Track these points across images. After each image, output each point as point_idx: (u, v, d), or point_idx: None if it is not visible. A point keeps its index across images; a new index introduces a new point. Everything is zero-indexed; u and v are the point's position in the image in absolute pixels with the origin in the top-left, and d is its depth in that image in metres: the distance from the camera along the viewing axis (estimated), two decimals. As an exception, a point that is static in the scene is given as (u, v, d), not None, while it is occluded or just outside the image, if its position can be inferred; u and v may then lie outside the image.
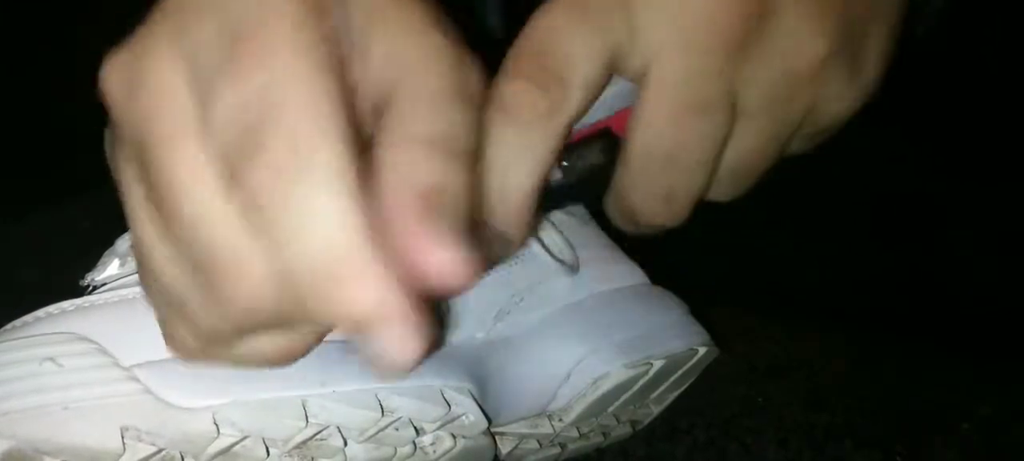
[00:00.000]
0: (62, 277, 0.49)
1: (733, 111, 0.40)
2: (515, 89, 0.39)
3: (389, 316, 0.31)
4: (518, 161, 0.40)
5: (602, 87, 0.40)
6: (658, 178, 0.41)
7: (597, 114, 0.42)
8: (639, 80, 0.40)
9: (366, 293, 0.30)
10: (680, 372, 0.61)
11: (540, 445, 0.59)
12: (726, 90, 0.39)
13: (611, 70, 0.40)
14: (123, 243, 0.49)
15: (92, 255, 0.50)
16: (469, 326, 0.52)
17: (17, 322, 0.45)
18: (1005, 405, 0.73)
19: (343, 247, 0.30)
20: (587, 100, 0.40)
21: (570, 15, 0.39)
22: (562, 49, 0.39)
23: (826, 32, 0.39)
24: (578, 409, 0.57)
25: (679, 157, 0.40)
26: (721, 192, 0.44)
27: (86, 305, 0.45)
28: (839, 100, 0.41)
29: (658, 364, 0.58)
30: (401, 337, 0.31)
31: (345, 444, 0.46)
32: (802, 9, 0.38)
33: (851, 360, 0.78)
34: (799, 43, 0.39)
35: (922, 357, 0.78)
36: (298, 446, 0.45)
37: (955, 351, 0.77)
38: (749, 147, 0.42)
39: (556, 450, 0.60)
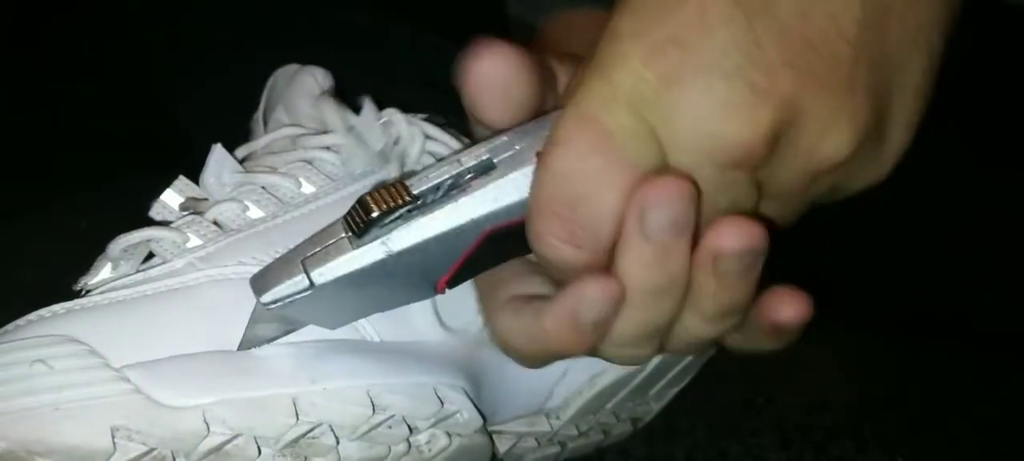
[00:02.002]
0: (59, 278, 0.49)
1: (758, 193, 0.40)
2: (549, 250, 0.39)
3: None
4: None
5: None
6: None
7: None
8: None
9: None
10: (678, 368, 0.61)
11: (538, 443, 0.59)
12: (748, 191, 0.39)
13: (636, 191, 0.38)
14: (115, 247, 0.49)
15: (89, 256, 0.50)
16: (463, 324, 0.52)
17: (9, 326, 0.45)
18: (1005, 404, 0.73)
19: None
20: (618, 230, 0.39)
21: (589, 149, 0.37)
22: (593, 200, 0.38)
23: (849, 132, 0.38)
24: (575, 406, 0.57)
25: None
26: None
27: (77, 308, 0.45)
28: (865, 176, 0.41)
29: (655, 360, 0.58)
30: None
31: (337, 442, 0.46)
32: (825, 113, 0.37)
33: (851, 360, 0.78)
34: (823, 144, 0.38)
35: (923, 357, 0.78)
36: (290, 444, 0.45)
37: (955, 351, 0.77)
38: (773, 215, 0.41)
39: (555, 448, 0.60)
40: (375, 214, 0.39)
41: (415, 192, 0.39)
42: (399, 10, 0.73)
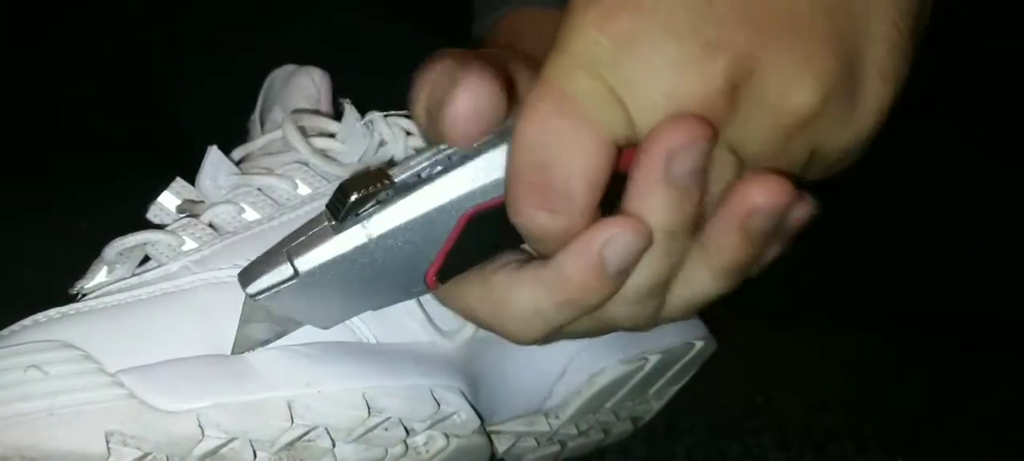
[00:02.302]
0: (58, 279, 0.49)
1: (736, 159, 0.39)
2: (527, 220, 0.39)
3: None
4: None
5: (609, 174, 0.39)
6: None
7: None
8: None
9: None
10: (678, 366, 0.61)
11: (538, 443, 0.59)
12: (726, 155, 0.39)
13: (609, 154, 0.38)
14: (111, 251, 0.49)
15: (88, 256, 0.50)
16: (461, 324, 0.52)
17: (3, 332, 0.45)
18: (1005, 404, 0.73)
19: None
20: (598, 193, 0.39)
21: (562, 117, 0.38)
22: (562, 162, 0.38)
23: (813, 81, 0.37)
24: (574, 406, 0.57)
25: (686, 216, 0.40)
26: None
27: (72, 313, 0.45)
28: (842, 135, 0.39)
29: (654, 359, 0.58)
30: None
31: (334, 445, 0.46)
32: (786, 64, 0.37)
33: (851, 360, 0.78)
34: (785, 98, 0.37)
35: (922, 357, 0.78)
36: (286, 447, 0.45)
37: (955, 350, 0.77)
38: None
39: (555, 448, 0.60)
40: (354, 198, 0.39)
41: (395, 178, 0.40)
42: (399, 10, 0.73)
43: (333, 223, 0.40)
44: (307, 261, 0.40)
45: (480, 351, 0.53)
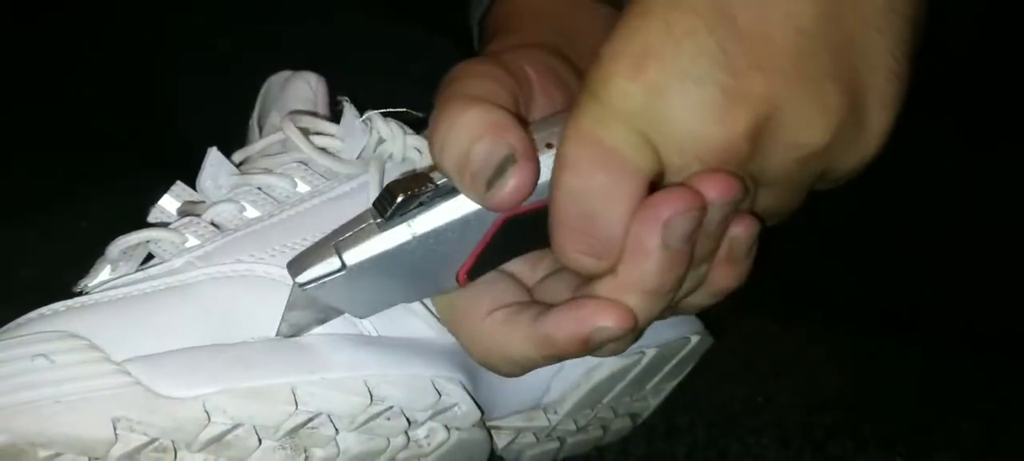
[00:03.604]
0: (60, 277, 0.50)
1: (754, 182, 0.42)
2: (573, 261, 0.42)
3: None
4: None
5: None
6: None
7: None
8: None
9: None
10: (674, 361, 0.61)
11: (537, 439, 0.59)
12: (747, 181, 0.41)
13: (645, 192, 0.41)
14: (114, 249, 0.50)
15: (90, 255, 0.51)
16: (439, 323, 0.52)
17: (10, 324, 0.45)
18: (1005, 404, 0.73)
19: None
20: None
21: (604, 169, 0.40)
22: (606, 213, 0.40)
23: (822, 120, 0.40)
24: (572, 400, 0.57)
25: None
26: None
27: (77, 305, 0.45)
28: (850, 158, 0.42)
29: (651, 353, 0.58)
30: None
31: (337, 433, 0.47)
32: (798, 105, 0.39)
33: (851, 360, 0.78)
34: (803, 135, 0.40)
35: (922, 357, 0.78)
36: (289, 434, 0.45)
37: (955, 350, 0.77)
38: (767, 205, 0.44)
39: (554, 444, 0.60)
40: (400, 199, 0.42)
41: (438, 181, 0.42)
42: (399, 10, 0.73)
43: (379, 221, 0.43)
44: (354, 255, 0.43)
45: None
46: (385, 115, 0.55)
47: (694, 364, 0.64)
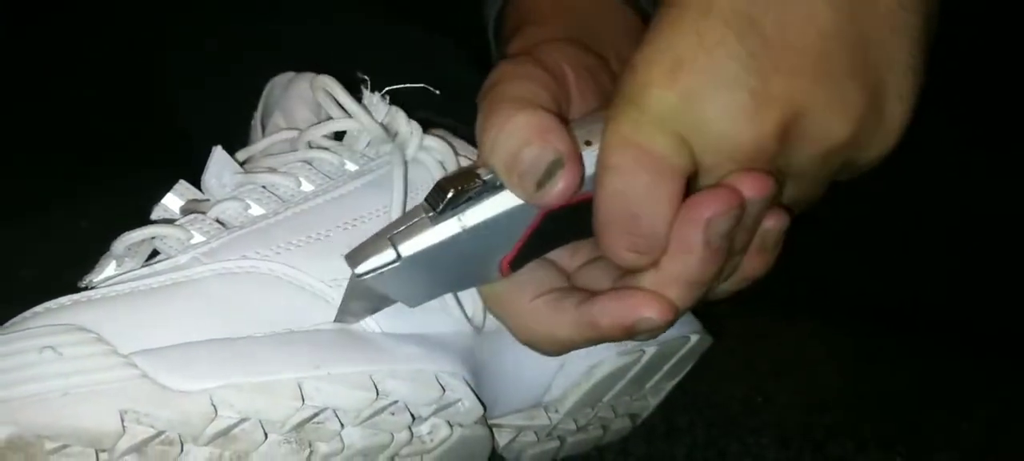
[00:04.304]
0: (61, 276, 0.50)
1: (782, 175, 0.44)
2: (619, 258, 0.44)
3: None
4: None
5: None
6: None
7: None
8: (702, 183, 0.44)
9: None
10: (674, 360, 0.62)
11: (537, 438, 0.59)
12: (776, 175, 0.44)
13: (684, 190, 0.43)
14: (120, 245, 0.50)
15: (90, 255, 0.51)
16: (463, 317, 0.53)
17: (15, 319, 0.45)
18: (1005, 404, 0.73)
19: None
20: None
21: (645, 171, 0.42)
22: (649, 212, 0.43)
23: (844, 116, 0.42)
24: (573, 398, 0.58)
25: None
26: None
27: (84, 300, 0.45)
28: (871, 150, 0.45)
29: (650, 351, 0.59)
30: None
31: (342, 427, 0.47)
32: (822, 103, 0.42)
33: (852, 360, 0.78)
34: (828, 131, 0.42)
35: (922, 357, 0.78)
36: (295, 428, 0.45)
37: (955, 350, 0.77)
38: (793, 195, 0.46)
39: (554, 444, 0.60)
40: (451, 194, 0.44)
41: (485, 177, 0.45)
42: (399, 10, 0.74)
43: (431, 215, 0.45)
44: (409, 247, 0.45)
45: (482, 344, 0.54)
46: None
47: (693, 363, 0.64)
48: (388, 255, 0.45)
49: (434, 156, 0.55)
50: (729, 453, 0.67)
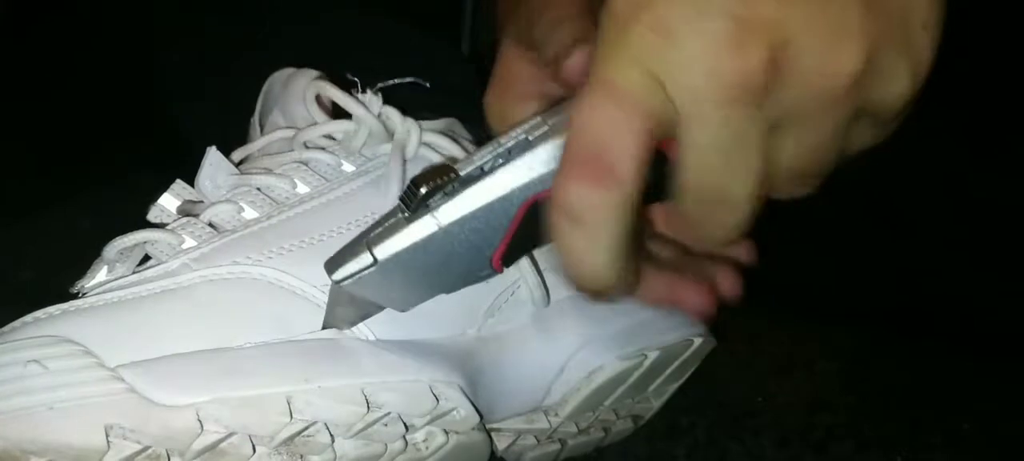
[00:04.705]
0: (61, 277, 0.49)
1: (771, 135, 0.41)
2: (576, 192, 0.41)
3: None
4: (601, 255, 0.43)
5: (651, 157, 0.42)
6: (707, 215, 0.44)
7: None
8: (681, 136, 0.42)
9: None
10: (677, 363, 0.61)
11: (538, 441, 0.59)
12: (761, 127, 0.41)
13: (655, 139, 0.41)
14: (111, 250, 0.49)
15: (89, 257, 0.50)
16: (460, 322, 0.53)
17: (4, 328, 0.45)
18: (1005, 404, 0.72)
19: None
20: (641, 175, 0.41)
21: (612, 104, 0.41)
22: (611, 141, 0.41)
23: (853, 45, 0.39)
24: (574, 403, 0.57)
25: (724, 196, 0.42)
26: (788, 192, 0.46)
27: (72, 309, 0.45)
28: (893, 88, 0.42)
29: (653, 355, 0.58)
30: None
31: (333, 440, 0.47)
32: (817, 30, 0.39)
33: (852, 360, 0.78)
34: (824, 63, 0.39)
35: (922, 357, 0.78)
36: (285, 442, 0.45)
37: (955, 350, 0.77)
38: (800, 154, 0.43)
39: (555, 446, 0.60)
40: (423, 190, 0.43)
41: (461, 171, 0.44)
42: (399, 10, 0.73)
43: (406, 214, 0.45)
44: (384, 249, 0.45)
45: (479, 349, 0.53)
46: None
47: (697, 365, 0.64)
48: (364, 259, 0.45)
49: (442, 153, 0.55)
50: (729, 453, 0.67)
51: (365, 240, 0.45)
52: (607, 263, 0.43)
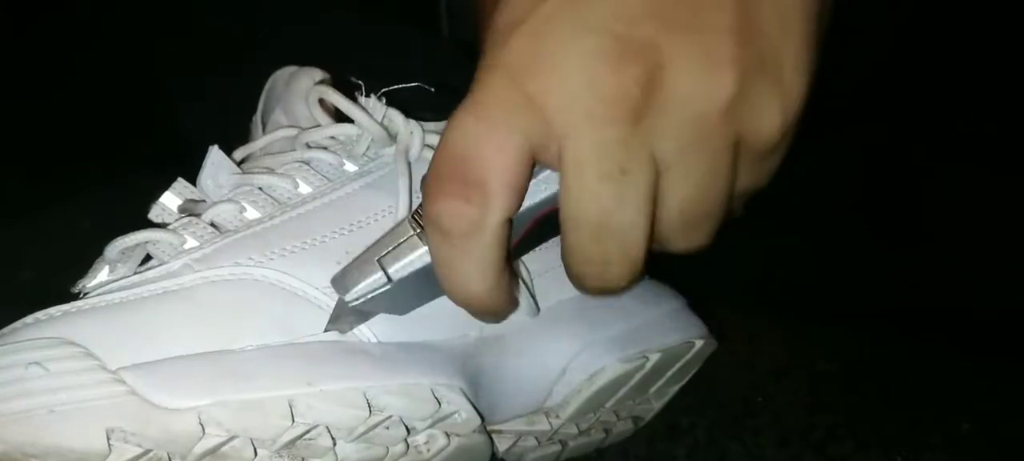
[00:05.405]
0: (61, 277, 0.49)
1: (654, 168, 0.41)
2: (441, 207, 0.41)
3: None
4: (469, 271, 0.43)
5: (526, 179, 0.42)
6: (592, 247, 0.42)
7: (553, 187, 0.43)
8: (559, 162, 0.41)
9: None
10: (678, 365, 0.61)
11: (538, 442, 0.58)
12: (638, 153, 0.40)
13: (531, 161, 0.41)
14: (112, 250, 0.49)
15: (90, 257, 0.50)
16: (462, 325, 0.52)
17: (5, 329, 0.45)
18: (1005, 404, 0.72)
19: None
20: (514, 196, 0.41)
21: (479, 121, 0.40)
22: (477, 158, 0.40)
23: (725, 74, 0.39)
24: (575, 405, 0.57)
25: (607, 225, 0.41)
26: (682, 242, 0.45)
27: (73, 310, 0.45)
28: (766, 121, 0.41)
29: (654, 358, 0.58)
30: None
31: (335, 443, 0.47)
32: (693, 56, 0.39)
33: (852, 360, 0.78)
34: (698, 88, 0.39)
35: (922, 357, 0.78)
36: (287, 446, 0.45)
37: (955, 351, 0.77)
38: (685, 194, 0.42)
39: (556, 447, 0.60)
40: None
41: None
42: (399, 10, 0.73)
43: (418, 232, 0.45)
44: (400, 270, 0.45)
45: (480, 351, 0.53)
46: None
47: (698, 367, 0.64)
48: (379, 279, 0.45)
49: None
50: (730, 453, 0.67)
51: (377, 259, 0.45)
52: (478, 280, 0.43)
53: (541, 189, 0.43)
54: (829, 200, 0.67)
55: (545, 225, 0.44)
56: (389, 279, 0.45)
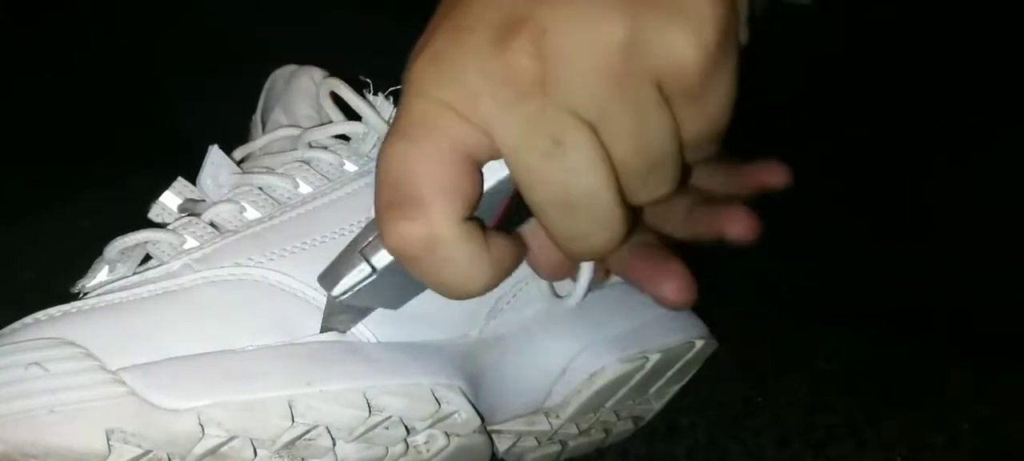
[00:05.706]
0: (61, 277, 0.49)
1: (587, 130, 0.40)
2: (392, 232, 0.41)
3: None
4: (449, 276, 0.42)
5: (467, 180, 0.41)
6: (565, 223, 0.42)
7: None
8: (501, 150, 0.41)
9: None
10: (678, 366, 0.61)
11: (538, 442, 0.58)
12: (563, 120, 0.40)
13: (468, 162, 0.41)
14: (112, 250, 0.49)
15: (90, 256, 0.50)
16: (461, 325, 0.52)
17: (4, 329, 0.45)
18: (1004, 404, 0.73)
19: None
20: (456, 198, 0.41)
21: (402, 140, 0.41)
22: (408, 174, 0.41)
23: (611, 18, 0.39)
24: (574, 405, 0.57)
25: (568, 199, 0.41)
26: (644, 193, 0.44)
27: (73, 311, 0.45)
28: (676, 53, 0.40)
29: (654, 358, 0.58)
30: None
31: (334, 444, 0.47)
32: (573, 11, 0.39)
33: (852, 360, 0.78)
34: (586, 38, 0.39)
35: (923, 357, 0.78)
36: (286, 446, 0.45)
37: (955, 350, 0.77)
38: (626, 145, 0.41)
39: (556, 447, 0.60)
40: None
41: None
42: (399, 10, 0.73)
43: None
44: (382, 257, 0.44)
45: (480, 351, 0.53)
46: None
47: (698, 367, 0.64)
48: (363, 270, 0.44)
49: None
50: (730, 453, 0.67)
51: (358, 250, 0.44)
52: (462, 279, 0.43)
53: (500, 167, 0.43)
54: (829, 200, 0.67)
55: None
56: (373, 269, 0.44)
